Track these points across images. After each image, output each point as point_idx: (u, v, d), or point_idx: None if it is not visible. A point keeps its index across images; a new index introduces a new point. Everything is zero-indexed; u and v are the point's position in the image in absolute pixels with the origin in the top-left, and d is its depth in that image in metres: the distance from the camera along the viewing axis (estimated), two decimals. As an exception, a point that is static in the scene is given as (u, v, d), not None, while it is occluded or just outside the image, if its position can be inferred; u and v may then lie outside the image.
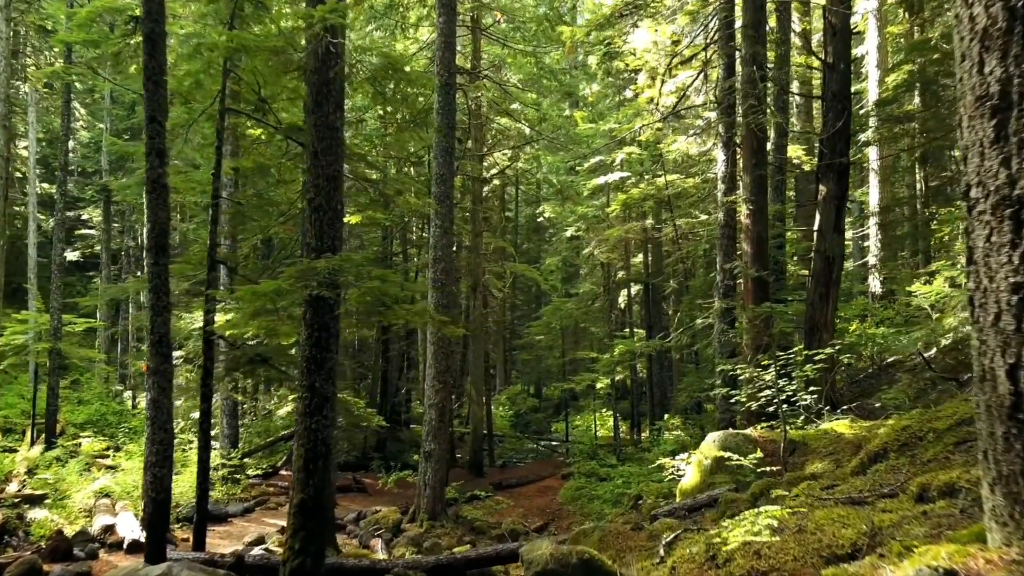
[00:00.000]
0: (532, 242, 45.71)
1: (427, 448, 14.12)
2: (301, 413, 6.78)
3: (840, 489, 4.70)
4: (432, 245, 14.44)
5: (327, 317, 6.81)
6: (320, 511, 6.63)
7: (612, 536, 7.22)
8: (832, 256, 12.09)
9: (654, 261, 25.51)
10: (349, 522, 13.85)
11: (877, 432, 7.65)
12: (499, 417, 32.46)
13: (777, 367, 8.09)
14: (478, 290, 21.45)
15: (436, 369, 14.15)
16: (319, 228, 6.89)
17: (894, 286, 23.48)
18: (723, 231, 13.21)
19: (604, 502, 16.16)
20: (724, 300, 12.85)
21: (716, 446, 8.50)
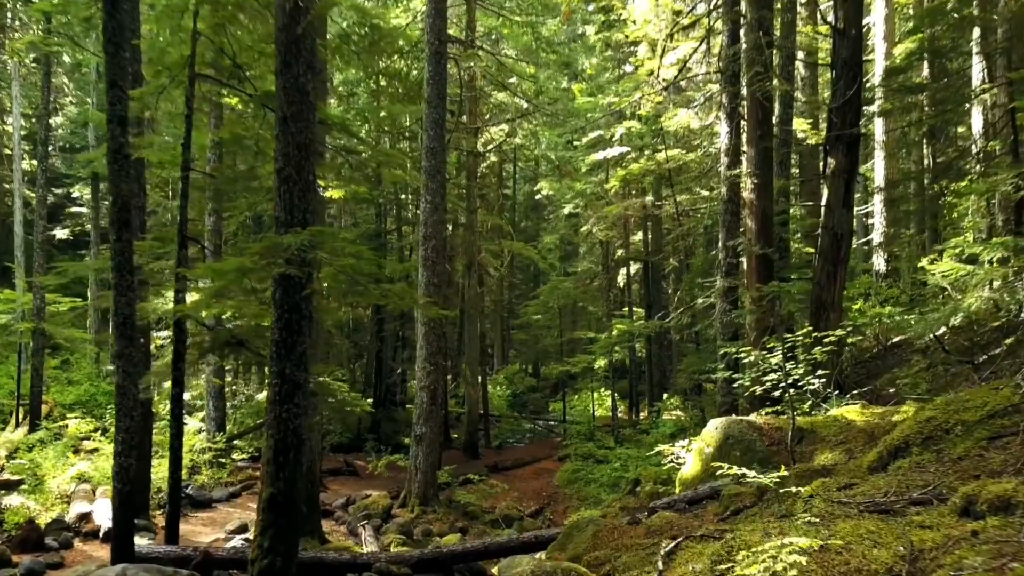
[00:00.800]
0: (530, 220, 45.10)
1: (419, 431, 13.66)
2: (271, 401, 6.26)
3: (861, 491, 4.19)
4: (422, 222, 13.88)
5: (298, 297, 6.28)
6: (291, 507, 6.15)
7: (606, 532, 6.73)
8: (840, 232, 11.52)
9: (654, 239, 24.93)
10: (338, 507, 13.42)
11: (892, 420, 7.15)
12: (496, 397, 32.06)
13: (784, 349, 7.56)
14: (473, 269, 20.90)
15: (427, 350, 13.65)
16: (288, 201, 6.33)
17: (898, 264, 22.97)
18: (726, 207, 12.63)
19: (601, 486, 15.74)
20: (727, 279, 12.31)
21: (718, 434, 8.00)
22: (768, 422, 7.99)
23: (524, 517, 14.17)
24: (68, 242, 34.55)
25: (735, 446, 7.77)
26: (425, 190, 13.72)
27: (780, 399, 8.61)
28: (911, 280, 22.34)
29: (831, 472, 6.05)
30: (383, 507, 13.18)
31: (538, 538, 7.72)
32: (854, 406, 8.20)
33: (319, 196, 10.75)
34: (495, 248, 24.78)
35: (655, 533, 6.43)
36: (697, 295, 18.91)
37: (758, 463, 7.51)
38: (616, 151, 21.29)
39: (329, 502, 13.91)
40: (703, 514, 6.76)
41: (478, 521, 13.86)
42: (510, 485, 17.46)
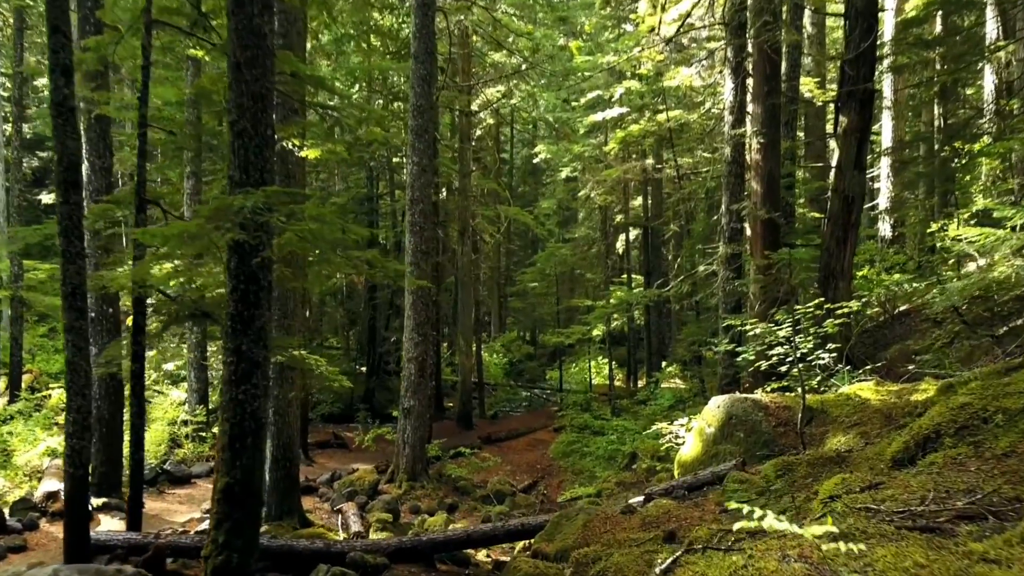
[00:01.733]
0: (528, 185, 44.22)
1: (406, 405, 13.11)
2: (225, 381, 5.65)
3: (891, 493, 3.58)
4: (409, 184, 13.17)
5: (255, 266, 5.62)
6: (250, 498, 5.56)
7: (598, 522, 6.17)
8: (851, 196, 10.82)
9: (654, 203, 24.19)
10: (322, 483, 12.92)
11: (911, 400, 6.55)
12: (493, 365, 31.59)
13: (793, 322, 6.93)
14: (467, 235, 20.20)
15: (415, 320, 13.03)
16: (243, 158, 5.63)
17: (905, 230, 22.26)
18: (729, 168, 11.91)
19: (597, 459, 15.27)
20: (729, 245, 11.65)
21: (720, 413, 7.41)
22: (774, 400, 7.39)
23: (516, 492, 13.69)
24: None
25: (738, 427, 7.19)
26: (412, 151, 12.98)
27: (786, 374, 8.02)
28: (918, 246, 21.70)
29: (847, 461, 5.46)
30: (370, 483, 12.68)
31: (524, 526, 7.18)
32: (867, 383, 7.60)
33: (297, 158, 10.04)
34: (490, 213, 24.04)
35: (651, 525, 5.87)
36: (698, 262, 18.24)
37: (763, 446, 6.94)
38: (615, 112, 20.43)
39: (314, 477, 13.42)
40: (704, 503, 6.19)
41: (469, 497, 13.38)
42: (503, 458, 16.99)
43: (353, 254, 6.04)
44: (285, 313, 10.02)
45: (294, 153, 9.61)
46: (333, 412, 22.27)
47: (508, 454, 17.47)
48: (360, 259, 5.95)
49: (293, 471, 10.18)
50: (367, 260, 5.99)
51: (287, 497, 10.08)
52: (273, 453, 10.05)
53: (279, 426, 10.04)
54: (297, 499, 10.27)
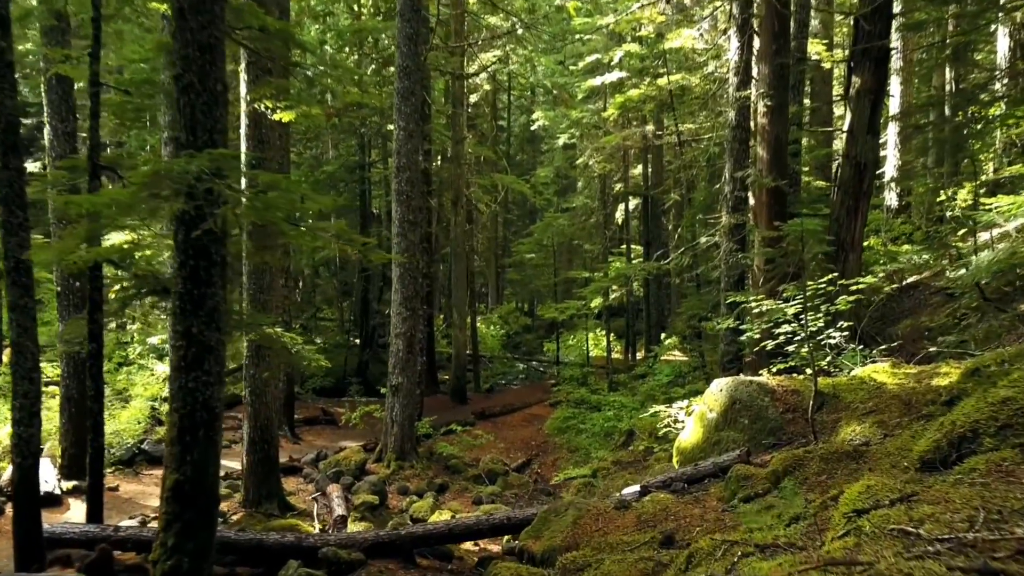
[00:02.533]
0: (526, 153, 43.38)
1: (394, 382, 12.57)
2: (174, 367, 5.08)
3: (929, 511, 3.00)
4: (396, 151, 12.48)
5: (207, 239, 5.02)
6: (203, 496, 5.03)
7: (590, 519, 5.64)
8: (864, 162, 10.20)
9: (654, 172, 23.47)
10: (307, 463, 12.43)
11: (932, 384, 5.98)
12: (490, 337, 31.09)
13: (805, 299, 6.34)
14: (460, 204, 19.52)
15: (403, 294, 12.44)
16: (190, 116, 5.00)
17: (911, 199, 21.58)
18: (734, 133, 11.23)
19: (593, 436, 14.78)
20: (733, 215, 11.02)
21: (723, 397, 6.85)
22: (782, 384, 6.83)
23: (509, 471, 13.21)
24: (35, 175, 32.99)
25: (743, 412, 6.64)
26: (398, 115, 12.27)
27: (794, 355, 7.45)
28: (926, 216, 21.04)
29: (865, 457, 4.90)
30: (356, 463, 12.19)
31: (510, 520, 6.66)
32: (882, 364, 7.03)
33: (272, 122, 9.35)
34: (486, 182, 23.33)
35: (647, 524, 5.34)
36: (699, 233, 17.59)
37: (770, 433, 6.39)
38: (614, 76, 19.64)
39: (299, 456, 12.93)
40: (705, 498, 5.65)
41: (460, 476, 12.91)
42: (497, 434, 16.52)
43: (319, 226, 5.43)
44: (261, 288, 9.44)
45: (268, 116, 8.94)
46: (325, 386, 21.81)
47: (502, 430, 17.00)
48: (325, 232, 5.35)
49: (272, 453, 9.67)
50: (334, 234, 5.38)
51: (266, 481, 9.59)
52: (250, 435, 9.54)
53: (256, 407, 9.51)
54: (277, 482, 9.77)
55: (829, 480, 4.80)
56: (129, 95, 7.78)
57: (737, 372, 10.93)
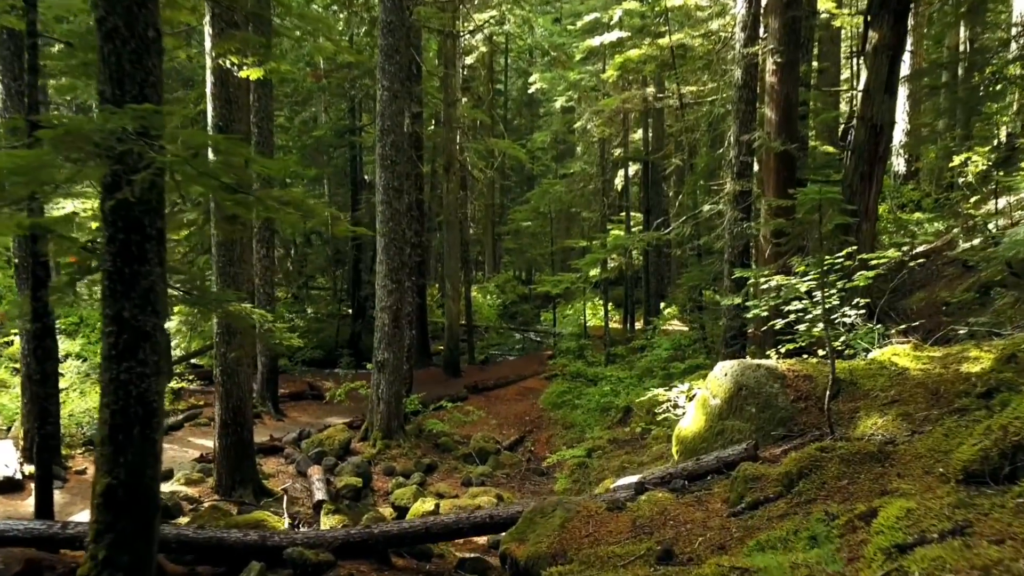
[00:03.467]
0: (524, 118, 42.39)
1: (380, 357, 11.99)
2: (105, 356, 4.45)
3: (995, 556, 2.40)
4: (379, 113, 11.73)
5: (139, 210, 4.36)
6: (140, 502, 4.44)
7: (579, 522, 5.06)
8: (880, 124, 9.47)
9: (655, 136, 22.64)
10: (288, 443, 11.88)
11: (962, 370, 5.36)
12: (486, 307, 30.51)
13: (821, 273, 5.70)
14: (452, 170, 18.75)
15: (388, 266, 11.79)
16: (116, 66, 4.30)
17: (920, 165, 20.82)
18: (740, 94, 10.46)
19: (589, 412, 14.25)
20: (738, 181, 10.31)
21: (728, 382, 6.24)
22: (792, 368, 6.21)
23: (501, 450, 12.70)
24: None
25: (750, 400, 6.03)
26: (382, 74, 11.50)
27: (804, 334, 6.81)
28: (936, 182, 20.28)
29: (892, 459, 4.29)
30: (340, 442, 11.65)
31: (492, 518, 6.09)
32: (902, 346, 6.41)
33: (239, 80, 8.60)
34: (480, 147, 22.54)
35: (643, 531, 4.75)
36: (701, 200, 16.87)
37: (779, 424, 5.79)
38: (614, 35, 18.72)
39: (281, 436, 12.39)
40: (708, 499, 5.07)
41: (450, 455, 12.39)
42: (490, 409, 16.00)
43: (270, 194, 4.75)
44: (231, 260, 8.78)
45: (234, 74, 8.19)
46: (315, 357, 21.23)
47: (496, 405, 16.49)
48: (275, 201, 4.67)
49: (246, 436, 9.10)
50: (289, 200, 4.71)
51: (239, 465, 9.04)
52: (222, 417, 8.96)
53: (228, 387, 8.92)
54: (251, 467, 9.23)
55: (851, 486, 4.20)
56: (72, 47, 7.03)
57: (741, 348, 10.33)
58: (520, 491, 11.02)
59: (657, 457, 10.28)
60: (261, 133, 13.50)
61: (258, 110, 13.41)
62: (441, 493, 10.64)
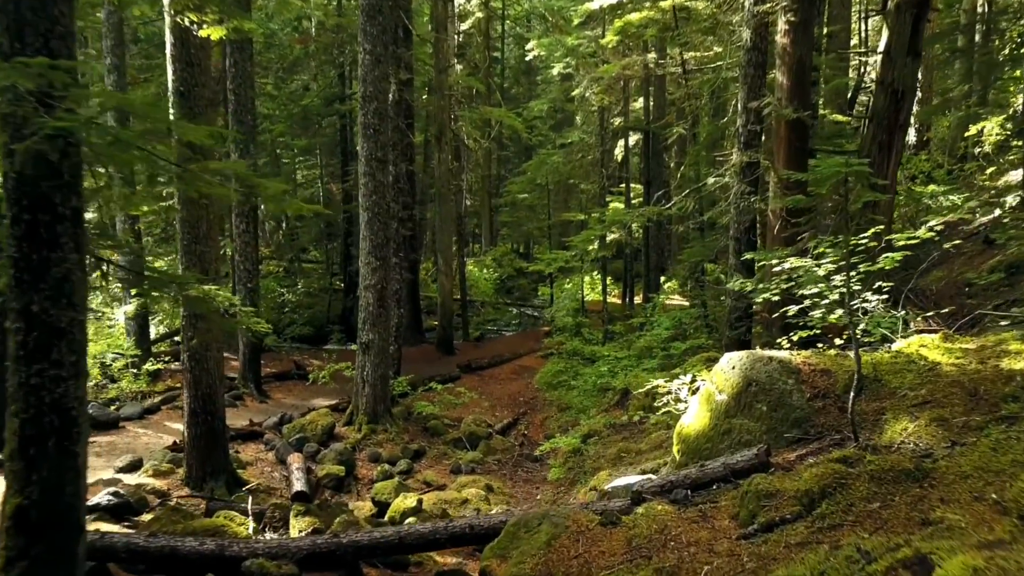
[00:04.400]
0: (522, 86, 41.41)
1: (364, 338, 11.37)
2: (12, 358, 3.82)
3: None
4: (361, 78, 10.97)
5: (50, 186, 3.70)
6: (57, 525, 3.84)
7: (568, 540, 4.46)
8: (901, 89, 8.75)
9: (656, 105, 21.78)
10: (269, 428, 11.30)
11: (1003, 368, 4.73)
12: (483, 280, 29.88)
13: (845, 254, 5.05)
14: (444, 139, 17.97)
15: (372, 242, 11.12)
16: (15, 15, 3.59)
17: (931, 135, 20.04)
18: (748, 56, 9.70)
19: (585, 393, 13.68)
20: (746, 152, 9.59)
21: (736, 376, 5.61)
22: (807, 361, 5.58)
23: (493, 434, 12.14)
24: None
25: (760, 397, 5.41)
26: (364, 36, 10.72)
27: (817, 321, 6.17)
28: (949, 153, 19.52)
29: (933, 478, 3.67)
30: (323, 427, 11.08)
31: (473, 528, 5.49)
32: (929, 335, 5.77)
33: (201, 40, 7.85)
34: (474, 116, 21.69)
35: (640, 552, 4.16)
36: (704, 172, 16.13)
37: (794, 425, 5.17)
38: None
39: (262, 419, 11.81)
40: (714, 514, 4.47)
41: (439, 439, 11.85)
42: (483, 389, 15.44)
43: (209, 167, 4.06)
44: (196, 238, 8.11)
45: (194, 34, 7.46)
46: (304, 334, 20.67)
47: (489, 384, 15.92)
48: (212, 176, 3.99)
49: (217, 425, 8.50)
50: (237, 174, 4.03)
51: (210, 456, 8.46)
52: (191, 405, 8.36)
53: (196, 373, 8.30)
54: (223, 457, 8.64)
55: (884, 511, 3.59)
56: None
57: (746, 330, 9.70)
58: (512, 479, 10.48)
59: (656, 445, 9.71)
60: (239, 100, 12.75)
61: (234, 75, 12.64)
62: (428, 482, 10.10)
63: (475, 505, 8.37)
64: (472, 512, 8.23)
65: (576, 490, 9.43)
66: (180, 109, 7.84)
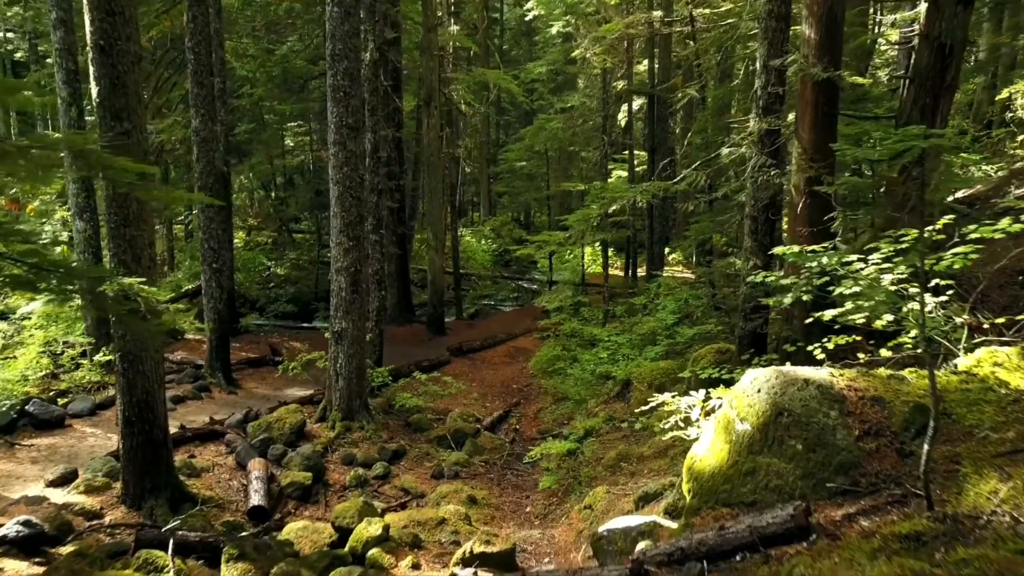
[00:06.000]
0: (522, 48, 39.81)
1: (337, 327, 10.26)
2: None
3: None
4: (329, 34, 9.69)
5: None
6: None
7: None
8: (950, 44, 7.47)
9: (661, 68, 20.35)
10: (231, 426, 10.22)
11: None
12: (480, 252, 28.72)
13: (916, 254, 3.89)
14: (433, 104, 16.65)
15: (343, 219, 9.94)
16: None
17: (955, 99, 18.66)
18: (770, 7, 8.38)
19: (583, 383, 12.59)
20: (766, 118, 8.33)
21: (763, 402, 4.49)
22: (853, 384, 4.44)
23: (481, 430, 11.10)
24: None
25: (794, 431, 4.29)
26: (331, -15, 9.42)
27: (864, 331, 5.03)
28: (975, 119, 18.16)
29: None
30: (292, 424, 10.01)
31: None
32: (1003, 349, 4.62)
33: None
34: (467, 79, 20.34)
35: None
36: (712, 139, 14.83)
37: (839, 471, 4.06)
38: (617, -52, 16.39)
39: (226, 416, 10.75)
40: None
41: (422, 436, 10.80)
42: (474, 375, 14.38)
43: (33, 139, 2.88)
44: (126, 219, 6.95)
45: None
46: (288, 311, 19.56)
47: (481, 369, 14.86)
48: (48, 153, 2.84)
49: (157, 434, 7.43)
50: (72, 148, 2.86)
51: (150, 469, 7.40)
52: (124, 413, 7.28)
53: (129, 377, 7.20)
54: (166, 470, 7.58)
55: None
56: None
57: (763, 323, 8.55)
58: (499, 485, 9.45)
59: (660, 451, 8.63)
60: (198, 60, 11.46)
61: (193, 32, 11.34)
62: (407, 488, 9.08)
63: (454, 527, 7.33)
64: (450, 536, 7.19)
65: (569, 504, 8.38)
66: (100, 67, 6.64)
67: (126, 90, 6.84)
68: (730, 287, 13.48)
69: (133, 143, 6.91)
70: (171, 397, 11.46)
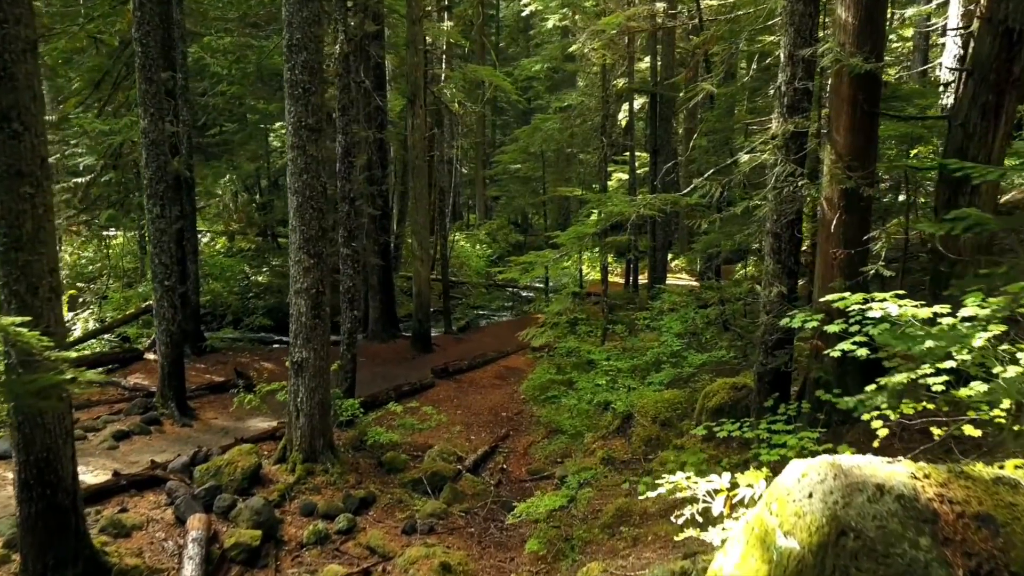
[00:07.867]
0: (519, 45, 38.61)
1: (297, 357, 8.99)
2: None
3: None
4: (286, 21, 8.43)
5: None
6: None
7: None
8: (1017, 29, 6.21)
9: (664, 64, 19.13)
10: (175, 471, 8.93)
11: None
12: (475, 257, 27.50)
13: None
14: (419, 102, 15.38)
15: (303, 234, 8.67)
16: None
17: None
18: (795, -12, 7.12)
19: (579, 414, 11.30)
20: (791, 119, 7.07)
21: (816, 510, 3.23)
22: (943, 493, 3.17)
23: (463, 472, 9.84)
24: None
25: (866, 563, 3.02)
26: (286, -35, 8.16)
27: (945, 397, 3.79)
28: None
29: None
30: (246, 469, 8.74)
31: None
32: None
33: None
34: (458, 76, 19.08)
35: None
36: (731, 138, 13.58)
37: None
38: (617, -66, 15.14)
39: (170, 457, 9.47)
40: None
41: (396, 479, 9.54)
42: (460, 400, 13.12)
43: None
44: (18, 241, 5.70)
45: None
46: (265, 324, 18.28)
47: (467, 394, 13.59)
48: None
49: (61, 498, 6.17)
50: None
51: (55, 541, 6.15)
52: (21, 476, 6.02)
53: (26, 432, 5.95)
54: (74, 540, 6.32)
55: None
56: None
57: (787, 360, 7.28)
58: (480, 543, 8.17)
59: (665, 509, 7.38)
60: (146, 53, 10.21)
61: (140, 21, 10.09)
62: (373, 547, 7.85)
63: (419, 610, 6.08)
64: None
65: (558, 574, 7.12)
66: (-21, 55, 5.39)
67: (15, 83, 5.60)
68: (739, 299, 12.23)
69: (25, 147, 5.68)
70: (114, 432, 10.26)
